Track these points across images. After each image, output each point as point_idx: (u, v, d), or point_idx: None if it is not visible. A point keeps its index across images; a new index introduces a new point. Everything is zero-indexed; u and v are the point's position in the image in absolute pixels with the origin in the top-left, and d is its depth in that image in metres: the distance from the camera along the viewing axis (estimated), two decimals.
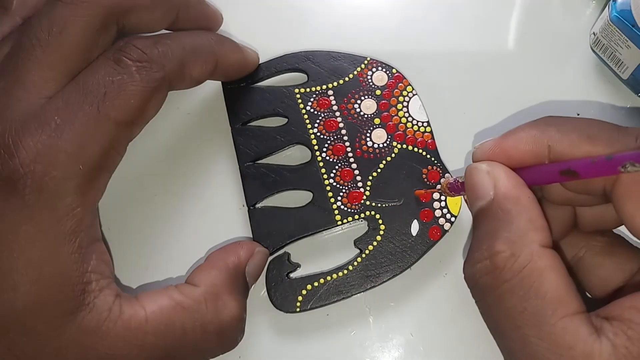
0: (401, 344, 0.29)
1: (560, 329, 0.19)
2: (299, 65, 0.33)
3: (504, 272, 0.20)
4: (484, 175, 0.23)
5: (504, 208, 0.21)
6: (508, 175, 0.22)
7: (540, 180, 0.23)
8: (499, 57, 0.35)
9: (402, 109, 0.32)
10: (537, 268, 0.20)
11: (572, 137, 0.21)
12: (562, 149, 0.22)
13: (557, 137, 0.22)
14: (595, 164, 0.20)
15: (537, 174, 0.23)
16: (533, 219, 0.21)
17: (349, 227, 0.31)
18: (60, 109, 0.23)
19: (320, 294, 0.29)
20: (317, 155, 0.31)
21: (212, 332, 0.25)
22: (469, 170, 0.24)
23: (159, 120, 0.27)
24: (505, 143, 0.23)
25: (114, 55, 0.25)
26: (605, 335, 0.19)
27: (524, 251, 0.20)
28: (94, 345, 0.23)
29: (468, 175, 0.24)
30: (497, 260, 0.20)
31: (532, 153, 0.22)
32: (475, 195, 0.23)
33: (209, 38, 0.29)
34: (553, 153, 0.22)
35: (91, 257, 0.24)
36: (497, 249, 0.21)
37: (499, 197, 0.22)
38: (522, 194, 0.22)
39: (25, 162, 0.22)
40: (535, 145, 0.22)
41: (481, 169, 0.23)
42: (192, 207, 0.31)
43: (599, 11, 0.36)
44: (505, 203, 0.22)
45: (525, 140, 0.23)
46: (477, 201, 0.23)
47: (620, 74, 0.33)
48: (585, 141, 0.21)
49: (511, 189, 0.22)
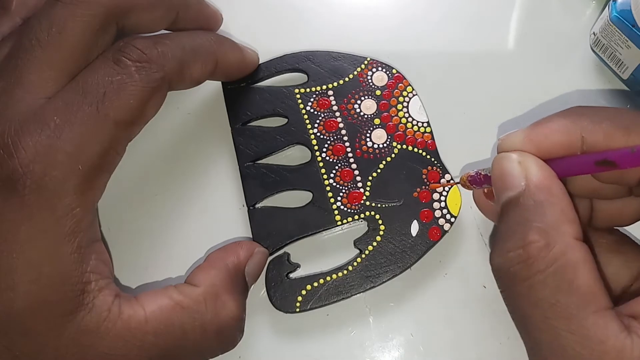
0: (401, 344, 0.29)
1: (592, 323, 0.19)
2: (299, 65, 0.33)
3: (537, 262, 0.20)
4: (514, 165, 0.22)
5: (537, 199, 0.21)
6: (540, 166, 0.22)
7: (573, 171, 0.22)
8: (499, 57, 0.35)
9: (402, 109, 0.32)
10: (571, 260, 0.20)
11: (606, 127, 0.21)
12: (596, 139, 0.21)
13: (590, 128, 0.21)
14: (635, 154, 0.19)
15: (570, 165, 0.22)
16: (565, 211, 0.21)
17: (348, 228, 0.31)
18: (59, 109, 0.23)
19: (320, 294, 0.29)
20: (317, 155, 0.31)
21: (212, 332, 0.25)
22: (498, 160, 0.23)
23: (159, 120, 0.27)
24: (534, 134, 0.23)
25: (113, 55, 0.25)
26: (636, 332, 0.19)
27: (558, 242, 0.20)
28: (93, 345, 0.23)
29: (497, 165, 0.23)
30: (530, 250, 0.20)
31: (564, 144, 0.22)
32: (504, 185, 0.22)
33: (209, 38, 0.29)
34: (587, 144, 0.21)
35: (90, 257, 0.24)
36: (530, 238, 0.20)
37: (531, 188, 0.21)
38: (554, 185, 0.21)
39: (24, 162, 0.22)
40: (567, 136, 0.22)
41: (512, 159, 0.22)
42: (192, 207, 0.31)
43: (599, 11, 0.36)
44: (537, 194, 0.21)
45: (557, 130, 0.22)
46: (507, 191, 0.22)
47: (620, 74, 0.33)
48: (620, 131, 0.21)
49: (543, 179, 0.21)
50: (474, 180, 0.26)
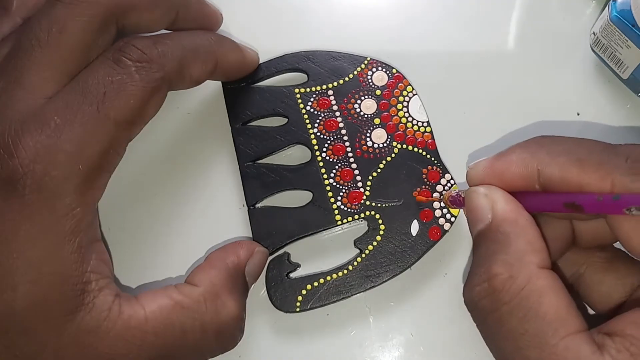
0: (401, 344, 0.29)
1: (563, 348, 0.19)
2: (299, 65, 0.33)
3: (502, 294, 0.20)
4: (481, 198, 0.23)
5: (502, 230, 0.21)
6: (506, 199, 0.23)
7: (543, 207, 0.23)
8: (499, 57, 0.35)
9: (402, 109, 0.32)
10: (535, 289, 0.20)
11: (562, 160, 0.21)
12: (551, 172, 0.22)
13: (546, 161, 0.22)
14: (601, 202, 0.20)
15: (540, 202, 0.23)
16: (531, 241, 0.21)
17: (349, 227, 0.31)
18: (59, 109, 0.23)
19: (320, 294, 0.29)
20: (317, 155, 0.31)
21: (212, 331, 0.25)
22: (467, 194, 0.24)
23: (159, 120, 0.27)
24: (497, 165, 0.23)
25: (113, 55, 0.25)
26: (608, 351, 0.19)
27: (521, 273, 0.20)
28: (93, 345, 0.23)
29: (467, 199, 0.24)
30: (495, 283, 0.20)
31: (522, 175, 0.23)
32: (474, 218, 0.23)
33: (209, 38, 0.29)
34: (542, 177, 0.22)
35: (91, 257, 0.24)
36: (494, 271, 0.21)
37: (497, 220, 0.22)
38: (519, 216, 0.22)
39: (24, 162, 0.22)
40: (525, 169, 0.22)
41: (479, 192, 0.23)
42: (192, 207, 0.31)
43: (599, 11, 0.36)
44: (503, 225, 0.22)
45: (516, 163, 0.23)
46: (477, 224, 0.23)
47: (620, 74, 0.33)
48: (574, 165, 0.21)
49: (509, 211, 0.22)
50: (454, 200, 0.26)
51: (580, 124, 0.33)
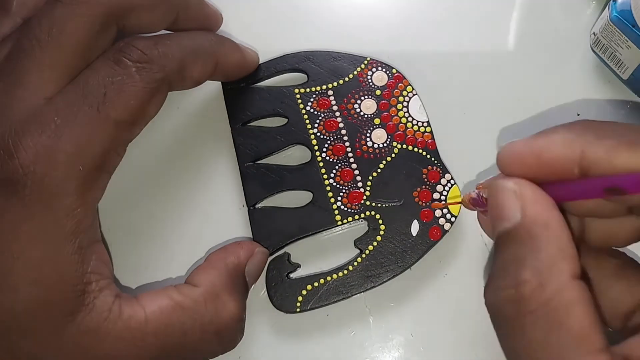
0: (401, 344, 0.29)
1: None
2: (299, 65, 0.33)
3: (529, 302, 0.19)
4: (510, 196, 0.21)
5: (533, 233, 0.20)
6: (537, 197, 0.21)
7: (580, 197, 0.21)
8: (499, 57, 0.35)
9: (402, 109, 0.32)
10: (564, 301, 0.19)
11: (611, 142, 0.20)
12: (597, 154, 0.20)
13: (593, 142, 0.20)
14: None
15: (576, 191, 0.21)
16: (563, 248, 0.20)
17: (349, 227, 0.31)
18: (60, 109, 0.23)
19: (321, 294, 0.29)
20: (317, 155, 0.31)
21: (212, 332, 0.25)
22: (494, 187, 0.22)
23: (159, 120, 0.27)
24: (536, 144, 0.21)
25: (114, 55, 0.25)
26: None
27: (552, 282, 0.19)
28: (93, 345, 0.23)
29: (493, 194, 0.22)
30: (523, 290, 0.19)
31: (564, 157, 0.21)
32: (500, 215, 0.21)
33: (209, 38, 0.29)
34: (586, 160, 0.20)
35: (91, 258, 0.24)
36: (524, 277, 0.19)
37: (528, 221, 0.20)
38: (552, 218, 0.20)
39: (25, 163, 0.22)
40: (568, 149, 0.20)
41: (508, 189, 0.21)
42: (192, 207, 0.31)
43: (599, 11, 0.36)
44: (533, 228, 0.20)
45: (558, 143, 0.21)
46: (502, 222, 0.21)
47: (620, 74, 0.33)
48: (624, 147, 0.19)
49: (541, 212, 0.20)
50: (476, 202, 0.25)
51: None
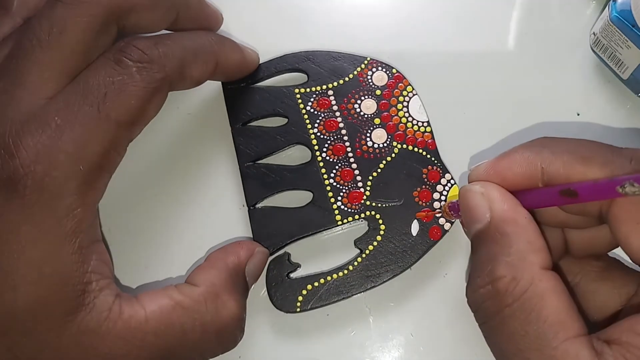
0: (401, 344, 0.29)
1: (562, 352, 0.19)
2: (299, 65, 0.33)
3: (505, 296, 0.20)
4: (478, 197, 0.23)
5: (502, 231, 0.21)
6: (503, 196, 0.22)
7: (539, 202, 0.23)
8: (499, 57, 0.35)
9: (402, 109, 0.32)
10: (538, 291, 0.20)
11: (566, 158, 0.21)
12: (555, 170, 0.22)
13: (551, 159, 0.22)
14: (595, 185, 0.20)
15: (535, 196, 0.22)
16: (532, 241, 0.21)
17: (349, 227, 0.31)
18: (60, 109, 0.23)
19: (321, 294, 0.29)
20: (317, 155, 0.31)
21: (212, 332, 0.25)
22: (462, 192, 0.24)
23: (159, 120, 0.27)
24: (499, 165, 0.23)
25: (114, 55, 0.25)
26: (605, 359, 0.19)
27: (524, 275, 0.20)
28: (93, 345, 0.23)
29: (462, 198, 0.24)
30: (498, 285, 0.20)
31: (526, 175, 0.22)
32: (471, 218, 0.23)
33: (209, 38, 0.29)
34: (547, 175, 0.22)
35: (91, 258, 0.24)
36: (498, 274, 0.21)
37: (496, 220, 0.22)
38: (518, 215, 0.22)
39: (25, 163, 0.22)
40: (528, 167, 0.22)
41: (475, 191, 0.23)
42: (192, 207, 0.31)
43: (599, 11, 0.36)
44: (502, 226, 0.21)
45: (519, 162, 0.23)
46: (474, 224, 0.22)
47: (620, 74, 0.33)
48: (579, 162, 0.21)
49: (507, 210, 0.22)
50: (453, 207, 0.26)
51: (580, 124, 0.33)
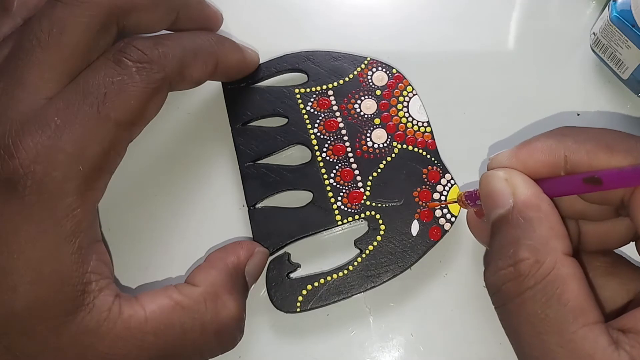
0: (401, 344, 0.29)
1: (581, 337, 0.19)
2: (299, 65, 0.33)
3: (527, 278, 0.20)
4: (502, 183, 0.23)
5: (525, 216, 0.21)
6: (526, 183, 0.22)
7: (561, 190, 0.22)
8: (499, 57, 0.35)
9: (402, 109, 0.32)
10: (560, 275, 0.20)
11: (589, 146, 0.21)
12: (579, 158, 0.22)
13: (574, 147, 0.22)
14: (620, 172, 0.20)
15: (558, 184, 0.22)
16: (554, 227, 0.21)
17: (349, 227, 0.31)
18: (60, 109, 0.23)
19: (321, 294, 0.29)
20: (317, 155, 0.31)
21: (212, 331, 0.25)
22: (485, 178, 0.24)
23: (159, 120, 0.27)
24: (521, 153, 0.23)
25: (114, 56, 0.25)
26: (622, 347, 0.19)
27: (548, 258, 0.20)
28: (93, 345, 0.23)
29: (484, 183, 0.23)
30: (521, 267, 0.20)
31: (548, 163, 0.22)
32: (493, 203, 0.23)
33: (209, 38, 0.29)
34: (570, 163, 0.22)
35: (91, 258, 0.24)
36: (521, 256, 0.21)
37: (519, 205, 0.22)
38: (542, 201, 0.22)
39: (25, 163, 0.22)
40: (551, 155, 0.22)
41: (499, 176, 0.23)
42: (192, 207, 0.31)
43: (599, 11, 0.36)
44: (526, 211, 0.21)
45: (541, 150, 0.23)
46: (495, 209, 0.22)
47: (620, 74, 0.33)
48: (602, 150, 0.21)
49: (531, 196, 0.22)
50: (470, 196, 0.26)
51: (580, 124, 0.33)
